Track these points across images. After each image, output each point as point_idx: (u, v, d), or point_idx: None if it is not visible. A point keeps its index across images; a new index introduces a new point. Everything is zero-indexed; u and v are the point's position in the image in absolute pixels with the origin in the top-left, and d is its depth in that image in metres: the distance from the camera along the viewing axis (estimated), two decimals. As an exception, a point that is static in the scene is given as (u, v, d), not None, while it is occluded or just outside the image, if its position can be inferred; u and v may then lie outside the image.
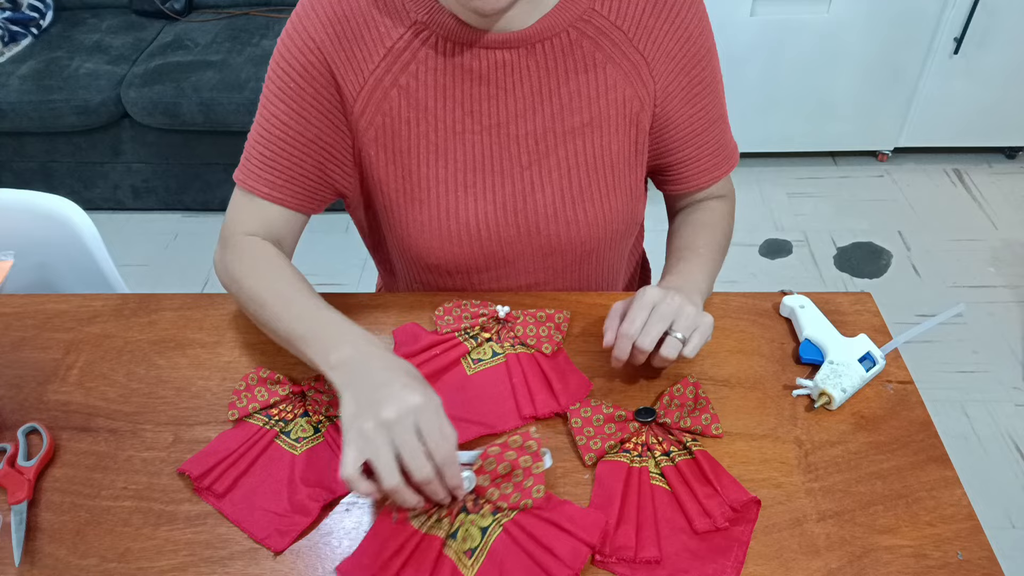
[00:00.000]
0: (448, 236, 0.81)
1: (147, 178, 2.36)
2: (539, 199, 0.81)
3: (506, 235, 0.82)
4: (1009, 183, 2.39)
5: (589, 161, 0.80)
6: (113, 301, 0.88)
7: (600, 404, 0.72)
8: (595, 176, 0.81)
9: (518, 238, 0.83)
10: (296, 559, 0.63)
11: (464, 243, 0.82)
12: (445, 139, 0.79)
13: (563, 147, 0.80)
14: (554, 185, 0.81)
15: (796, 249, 2.19)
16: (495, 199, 0.81)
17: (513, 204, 0.81)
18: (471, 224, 0.81)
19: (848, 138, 2.41)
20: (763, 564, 0.61)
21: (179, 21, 2.49)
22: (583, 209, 0.82)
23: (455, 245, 0.82)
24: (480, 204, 0.81)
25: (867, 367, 0.74)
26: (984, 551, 0.61)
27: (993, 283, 2.05)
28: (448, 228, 0.81)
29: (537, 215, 0.81)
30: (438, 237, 0.82)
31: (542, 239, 0.83)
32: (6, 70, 2.26)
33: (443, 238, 0.82)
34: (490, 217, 0.81)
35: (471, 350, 0.79)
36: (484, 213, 0.81)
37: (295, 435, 0.72)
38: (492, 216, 0.81)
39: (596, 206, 0.82)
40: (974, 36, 2.14)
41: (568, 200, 0.81)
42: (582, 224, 0.82)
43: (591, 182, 0.81)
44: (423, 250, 0.83)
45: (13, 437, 0.73)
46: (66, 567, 0.63)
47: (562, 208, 0.81)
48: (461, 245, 0.82)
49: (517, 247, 0.83)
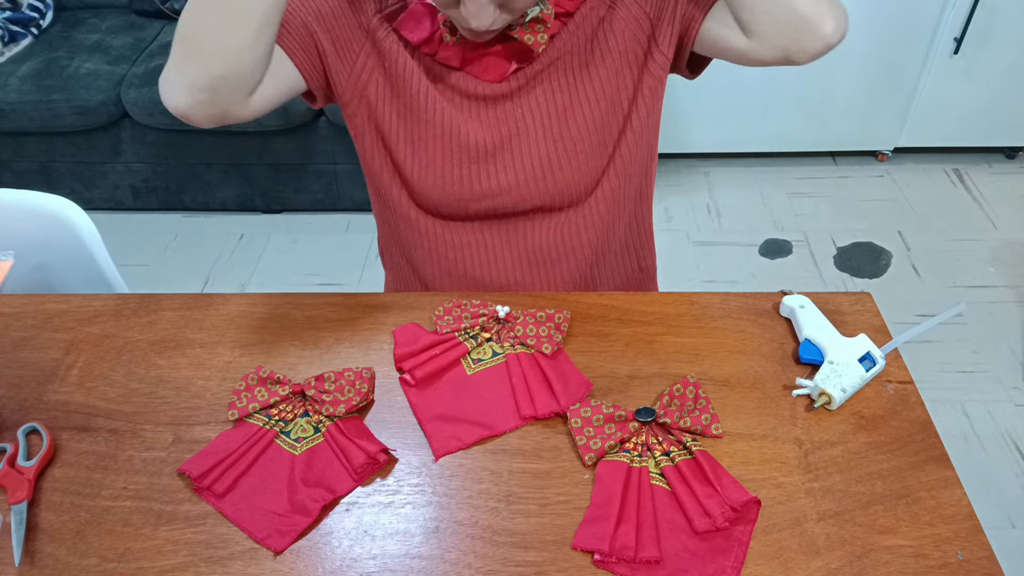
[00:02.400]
0: (450, 156, 0.85)
1: (147, 178, 2.36)
2: (529, 123, 0.84)
3: (501, 163, 0.85)
4: (1009, 183, 2.39)
5: (580, 86, 0.83)
6: (113, 301, 0.88)
7: (600, 404, 0.72)
8: (584, 99, 0.84)
9: (512, 161, 0.85)
10: (296, 559, 0.63)
11: (464, 163, 0.85)
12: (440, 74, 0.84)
13: (553, 78, 0.83)
14: (542, 109, 0.84)
15: (796, 249, 2.19)
16: (489, 122, 0.84)
17: (508, 128, 0.84)
18: (470, 142, 0.84)
19: (848, 138, 2.41)
20: (763, 564, 0.61)
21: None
22: (575, 126, 0.84)
23: (455, 165, 0.85)
24: (475, 128, 0.84)
25: (867, 367, 0.74)
26: (984, 551, 0.61)
27: (993, 283, 2.05)
28: (450, 148, 0.85)
29: (529, 138, 0.84)
30: (441, 156, 0.85)
31: (535, 162, 0.85)
32: (6, 70, 2.26)
33: (446, 158, 0.85)
34: (487, 138, 0.84)
35: (471, 350, 0.79)
36: (480, 135, 0.84)
37: (295, 435, 0.72)
38: (488, 138, 0.84)
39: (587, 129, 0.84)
40: (974, 36, 2.14)
41: (556, 119, 0.84)
42: (570, 142, 0.84)
43: (580, 105, 0.84)
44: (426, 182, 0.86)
45: (13, 437, 0.73)
46: (66, 567, 0.63)
47: (550, 126, 0.84)
48: (461, 165, 0.85)
49: (511, 173, 0.86)
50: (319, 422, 0.73)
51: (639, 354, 0.79)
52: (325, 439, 0.72)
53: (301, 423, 0.73)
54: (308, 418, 0.74)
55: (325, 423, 0.73)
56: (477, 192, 0.86)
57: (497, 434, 0.72)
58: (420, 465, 0.70)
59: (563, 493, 0.67)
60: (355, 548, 0.64)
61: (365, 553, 0.63)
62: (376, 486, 0.68)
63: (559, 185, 0.86)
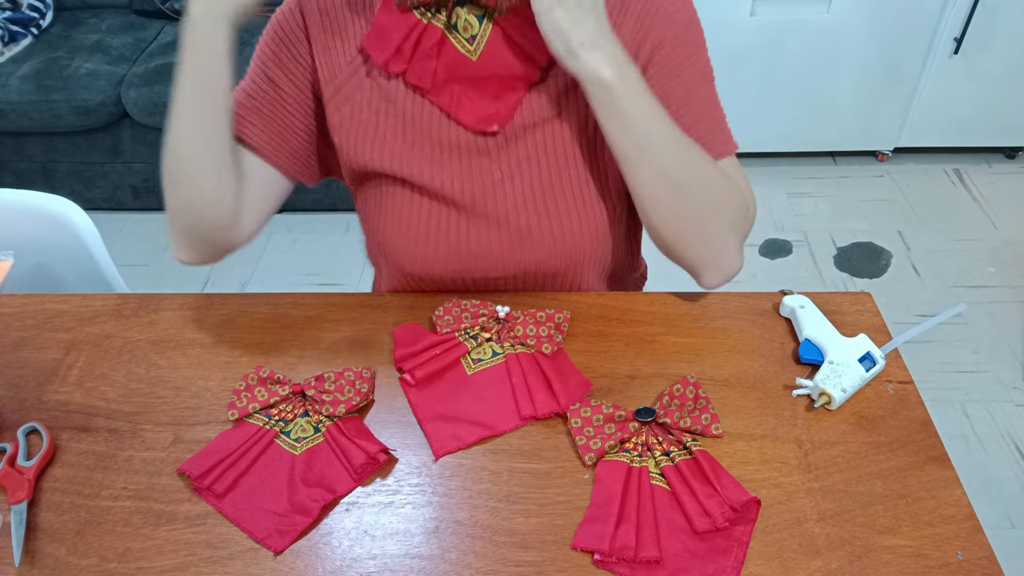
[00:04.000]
0: (415, 224, 0.82)
1: (147, 178, 2.36)
2: (508, 189, 0.80)
3: (476, 226, 0.81)
4: (1009, 183, 2.39)
5: (559, 150, 0.79)
6: (113, 301, 0.88)
7: (600, 404, 0.72)
8: (565, 165, 0.80)
9: (488, 230, 0.81)
10: (296, 559, 0.63)
11: (434, 228, 0.81)
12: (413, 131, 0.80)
13: (531, 136, 0.79)
14: (523, 176, 0.80)
15: (796, 249, 2.19)
16: (463, 185, 0.80)
17: (483, 191, 0.80)
18: (442, 207, 0.81)
19: (848, 138, 2.41)
20: (763, 564, 0.61)
21: (179, 21, 2.49)
22: (555, 200, 0.80)
23: (422, 236, 0.82)
24: (454, 186, 0.80)
25: (867, 367, 0.74)
26: (984, 551, 0.61)
27: (993, 283, 2.05)
28: (413, 216, 0.81)
29: (507, 205, 0.80)
30: (406, 224, 0.82)
31: (511, 230, 0.81)
32: (6, 70, 2.26)
33: (410, 226, 0.82)
34: (460, 203, 0.80)
35: (471, 350, 0.79)
36: (457, 196, 0.80)
37: (295, 435, 0.72)
38: (464, 201, 0.80)
39: (570, 198, 0.80)
40: (974, 36, 2.14)
41: (539, 191, 0.80)
42: (554, 216, 0.81)
43: (561, 173, 0.80)
44: (395, 250, 0.84)
45: (13, 437, 0.73)
46: (66, 567, 0.63)
47: (532, 199, 0.80)
48: (428, 237, 0.82)
49: (491, 242, 0.82)
50: (319, 422, 0.73)
51: (639, 354, 0.79)
52: (325, 439, 0.72)
53: (301, 423, 0.73)
54: (308, 418, 0.74)
55: (325, 423, 0.73)
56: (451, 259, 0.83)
57: (497, 434, 0.72)
58: (420, 465, 0.70)
59: (563, 493, 0.67)
60: (355, 548, 0.64)
61: (365, 553, 0.63)
62: (376, 486, 0.68)
63: (535, 236, 0.81)
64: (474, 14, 0.74)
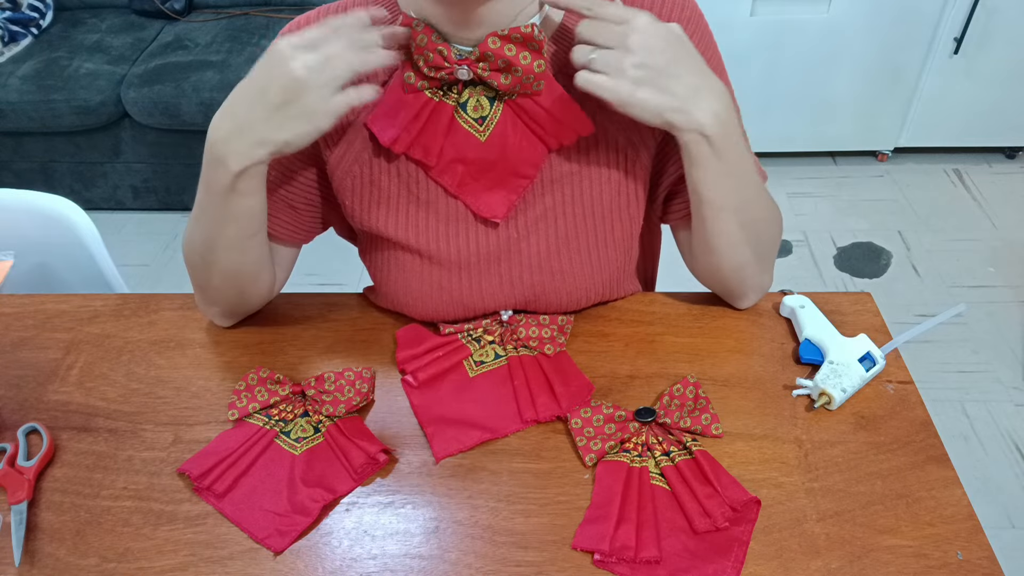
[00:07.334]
0: (424, 286, 0.79)
1: (147, 178, 2.36)
2: (523, 248, 0.77)
3: (487, 285, 0.79)
4: (1009, 183, 2.39)
5: (577, 210, 0.76)
6: (113, 301, 0.88)
7: (600, 404, 0.72)
8: (583, 225, 0.77)
9: (500, 288, 0.79)
10: (296, 559, 0.63)
11: (444, 290, 0.78)
12: (426, 188, 0.76)
13: (550, 195, 0.75)
14: (539, 234, 0.76)
15: (796, 249, 2.19)
16: (478, 248, 0.77)
17: (497, 253, 0.77)
18: (452, 272, 0.78)
19: (848, 138, 2.41)
20: (763, 564, 0.61)
21: (179, 21, 2.49)
22: (569, 260, 0.77)
23: (432, 295, 0.79)
24: (463, 253, 0.77)
25: (867, 367, 0.74)
26: (984, 551, 0.61)
27: (993, 283, 2.05)
28: (424, 281, 0.78)
29: (521, 265, 0.78)
30: (416, 286, 0.79)
31: (525, 289, 0.79)
32: (6, 70, 2.26)
33: (420, 288, 0.79)
34: (472, 266, 0.77)
35: (473, 352, 0.79)
36: (467, 262, 0.77)
37: (295, 435, 0.72)
38: (475, 264, 0.77)
39: (584, 256, 0.77)
40: (974, 36, 2.14)
41: (554, 250, 0.77)
42: (567, 275, 0.78)
43: (579, 232, 0.77)
44: (401, 304, 0.81)
45: (13, 437, 0.73)
46: (66, 567, 0.63)
47: (547, 259, 0.77)
48: (441, 292, 0.79)
49: (499, 297, 0.79)
50: (319, 422, 0.73)
51: (639, 354, 0.79)
52: (325, 439, 0.72)
53: (301, 423, 0.73)
54: (308, 418, 0.74)
55: (325, 423, 0.73)
56: (459, 313, 0.81)
57: (498, 437, 0.72)
58: (420, 465, 0.70)
59: (563, 493, 0.67)
60: (355, 548, 0.64)
61: (365, 553, 0.63)
62: (376, 486, 0.68)
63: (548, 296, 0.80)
64: (486, 95, 0.70)
